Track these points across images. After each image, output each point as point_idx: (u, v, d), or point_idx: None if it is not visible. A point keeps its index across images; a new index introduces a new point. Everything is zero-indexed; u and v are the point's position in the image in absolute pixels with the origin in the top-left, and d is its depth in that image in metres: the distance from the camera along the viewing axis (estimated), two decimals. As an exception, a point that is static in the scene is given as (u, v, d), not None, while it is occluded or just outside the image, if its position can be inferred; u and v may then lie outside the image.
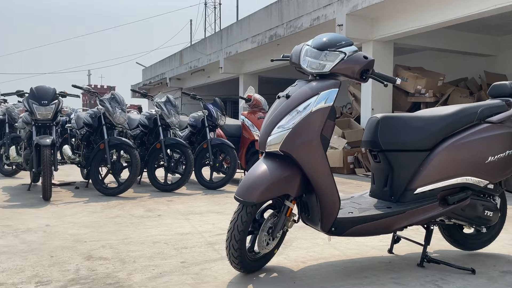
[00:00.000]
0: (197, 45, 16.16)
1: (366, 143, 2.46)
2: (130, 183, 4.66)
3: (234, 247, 2.09)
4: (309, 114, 2.10)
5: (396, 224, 2.24)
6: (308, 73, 2.27)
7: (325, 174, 2.13)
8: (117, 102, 4.85)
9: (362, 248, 2.74)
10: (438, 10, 6.56)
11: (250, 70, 12.42)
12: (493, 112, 2.45)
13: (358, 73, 2.17)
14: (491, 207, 2.44)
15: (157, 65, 20.02)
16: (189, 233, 3.09)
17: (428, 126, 2.35)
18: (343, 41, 2.22)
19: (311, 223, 2.28)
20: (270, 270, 2.30)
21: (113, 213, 3.77)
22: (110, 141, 4.72)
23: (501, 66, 8.93)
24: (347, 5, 7.43)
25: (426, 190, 2.29)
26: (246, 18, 12.43)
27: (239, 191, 2.10)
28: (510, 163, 2.41)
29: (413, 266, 2.37)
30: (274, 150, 2.14)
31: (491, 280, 2.18)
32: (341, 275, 2.24)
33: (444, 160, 2.29)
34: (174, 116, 5.20)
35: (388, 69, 7.88)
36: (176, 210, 3.94)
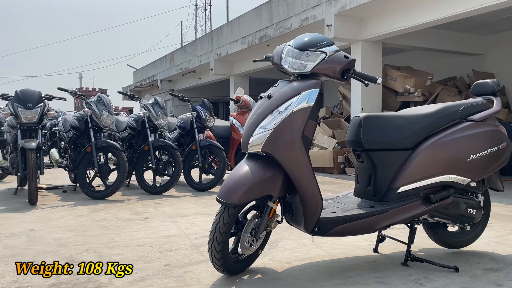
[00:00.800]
0: (188, 47, 16.12)
1: (349, 143, 2.46)
2: (117, 186, 4.63)
3: (216, 249, 2.07)
4: (290, 114, 2.09)
5: (379, 223, 2.24)
6: (289, 73, 2.27)
7: (307, 174, 2.12)
8: (104, 105, 4.81)
9: (347, 247, 2.73)
10: (425, 10, 6.59)
11: (240, 71, 12.40)
12: (475, 110, 2.47)
13: (339, 72, 2.17)
14: (474, 205, 2.45)
15: (148, 67, 19.93)
16: (175, 235, 3.07)
17: (410, 125, 2.35)
18: (324, 41, 2.22)
19: (295, 224, 2.27)
20: (254, 271, 2.29)
21: (99, 217, 3.73)
22: (97, 144, 4.69)
23: (489, 64, 8.99)
24: (335, 5, 7.44)
25: (408, 189, 2.29)
26: (236, 19, 12.41)
27: (221, 193, 2.09)
28: (492, 161, 2.42)
29: (397, 265, 2.37)
30: (256, 151, 2.13)
31: (474, 278, 2.18)
32: (325, 275, 2.23)
33: (426, 158, 2.30)
34: (162, 118, 5.17)
35: (377, 69, 7.90)
36: (163, 213, 3.92)
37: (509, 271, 2.28)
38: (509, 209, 4.06)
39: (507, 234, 3.10)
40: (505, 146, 2.47)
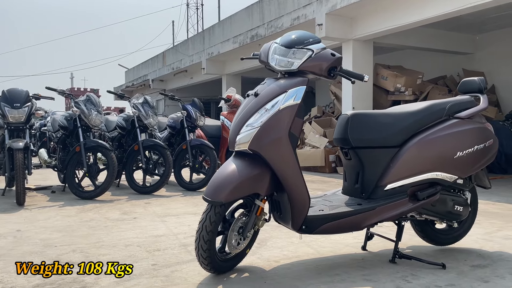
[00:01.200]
0: (180, 46, 16.05)
1: (337, 141, 2.46)
2: (107, 186, 4.59)
3: (203, 247, 2.06)
4: (277, 112, 2.08)
5: (366, 221, 2.23)
6: (277, 71, 2.26)
7: (294, 172, 2.12)
8: (93, 104, 4.77)
9: (336, 245, 2.73)
10: (415, 9, 6.62)
11: (232, 71, 12.38)
12: (461, 108, 2.47)
13: (325, 70, 2.17)
14: (461, 202, 2.46)
15: (140, 66, 19.82)
16: (164, 235, 3.05)
17: (397, 122, 2.35)
18: (310, 38, 2.21)
19: (283, 222, 2.27)
20: (242, 270, 2.28)
21: (87, 217, 3.70)
22: (86, 144, 4.65)
23: (479, 63, 9.06)
24: (326, 4, 7.45)
25: (396, 186, 2.29)
26: (227, 18, 12.38)
27: (207, 191, 2.08)
28: (478, 158, 2.43)
29: (385, 263, 2.38)
30: (243, 149, 2.12)
31: (461, 275, 2.19)
32: (313, 273, 2.23)
33: (413, 156, 2.30)
34: (151, 117, 5.14)
35: (368, 68, 7.93)
36: (152, 212, 3.89)
37: (495, 268, 2.30)
38: (498, 207, 4.09)
39: (494, 231, 3.11)
40: (492, 143, 2.48)
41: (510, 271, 2.24)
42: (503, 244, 2.76)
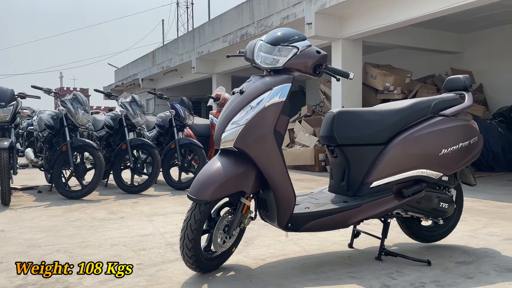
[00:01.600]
0: (170, 45, 15.97)
1: (323, 138, 2.45)
2: (94, 186, 4.55)
3: (188, 246, 2.04)
4: (262, 109, 2.07)
5: (352, 218, 2.23)
6: (262, 69, 2.25)
7: (279, 170, 2.11)
8: (80, 103, 4.72)
9: (323, 243, 2.73)
10: (404, 8, 6.65)
11: (222, 70, 12.35)
12: (446, 105, 2.49)
13: (311, 67, 2.16)
14: (446, 199, 2.47)
15: (130, 66, 19.68)
16: (150, 234, 3.03)
17: (382, 120, 2.36)
18: (296, 35, 2.20)
19: (269, 220, 2.26)
20: (228, 268, 2.26)
21: (74, 217, 3.66)
22: (72, 143, 4.60)
23: (467, 63, 9.14)
24: (315, 3, 7.46)
25: (381, 184, 2.29)
26: (217, 17, 12.34)
27: (192, 189, 2.06)
28: (463, 155, 2.44)
29: (371, 260, 2.38)
30: (229, 146, 2.11)
31: (445, 271, 2.20)
32: (299, 271, 2.22)
33: (399, 153, 2.31)
34: (140, 116, 5.10)
35: (357, 67, 7.95)
36: (140, 212, 3.86)
37: (480, 264, 2.31)
38: (484, 204, 4.13)
39: (480, 228, 3.14)
40: (476, 141, 2.49)
41: (494, 267, 2.26)
42: (488, 241, 2.78)
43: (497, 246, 2.66)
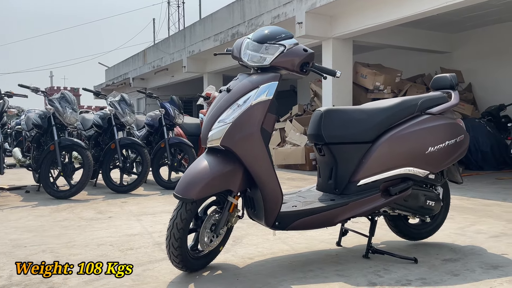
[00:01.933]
0: (161, 44, 15.89)
1: (310, 137, 2.46)
2: (82, 185, 4.51)
3: (174, 245, 2.03)
4: (249, 107, 2.07)
5: (339, 216, 2.24)
6: (249, 67, 2.24)
7: (266, 168, 2.10)
8: (68, 102, 4.67)
9: (311, 242, 2.73)
10: (394, 8, 6.69)
11: (214, 69, 12.33)
12: (433, 104, 2.50)
13: (298, 65, 2.16)
14: (433, 197, 2.48)
15: (120, 65, 19.57)
16: (138, 234, 3.00)
17: (370, 118, 2.36)
18: (283, 34, 2.20)
19: (256, 218, 2.25)
20: (215, 267, 2.25)
21: (61, 217, 3.62)
22: (60, 142, 4.55)
23: (456, 62, 9.22)
24: (306, 2, 7.47)
25: (368, 182, 2.30)
26: (208, 16, 12.32)
27: (178, 188, 2.05)
28: (450, 153, 2.45)
29: (358, 258, 2.38)
30: (215, 145, 2.10)
31: (432, 268, 2.21)
32: (287, 270, 2.22)
33: (385, 151, 2.31)
34: (129, 115, 5.06)
35: (348, 66, 7.99)
36: (129, 212, 3.83)
37: (466, 261, 2.33)
38: (472, 202, 4.16)
39: (467, 226, 3.16)
40: (463, 139, 2.51)
41: (480, 264, 2.28)
42: (475, 238, 2.80)
43: (483, 243, 2.68)
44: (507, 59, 8.34)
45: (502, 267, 2.22)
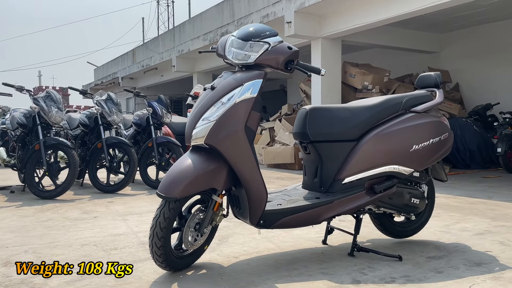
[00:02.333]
0: (150, 44, 15.80)
1: (296, 135, 2.45)
2: (68, 185, 4.45)
3: (157, 244, 2.00)
4: (233, 105, 2.05)
5: (324, 215, 2.23)
6: (234, 64, 2.23)
7: (250, 166, 2.09)
8: (53, 101, 4.61)
9: (297, 240, 2.72)
10: (381, 8, 6.72)
11: (203, 68, 12.27)
12: (418, 102, 2.51)
13: (282, 63, 2.15)
14: (418, 195, 2.49)
15: (109, 64, 19.41)
16: (123, 233, 2.97)
17: (354, 116, 2.36)
18: (267, 31, 2.19)
19: (242, 217, 2.24)
20: (200, 267, 2.24)
21: (45, 217, 3.57)
22: (46, 142, 4.49)
23: (444, 62, 9.30)
24: (294, 2, 7.46)
25: (353, 180, 2.30)
26: (198, 15, 12.27)
27: (161, 187, 2.03)
28: (434, 151, 2.46)
29: (344, 256, 2.38)
30: (200, 143, 2.08)
31: (416, 266, 2.22)
32: (271, 268, 2.21)
33: (370, 149, 2.32)
34: (115, 114, 5.01)
35: (337, 65, 8.00)
36: (115, 211, 3.79)
37: (450, 259, 2.34)
38: (458, 200, 4.19)
39: (453, 224, 3.18)
40: (447, 137, 2.52)
41: (464, 261, 2.29)
42: (460, 236, 2.82)
43: (468, 241, 2.70)
44: (493, 59, 8.43)
45: (485, 264, 2.24)
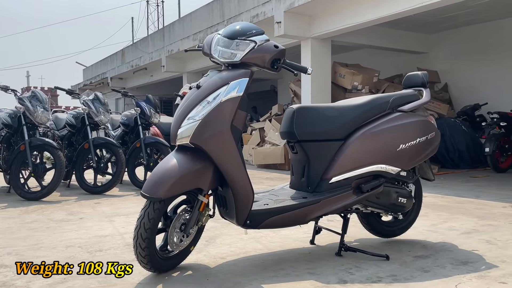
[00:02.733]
0: (139, 43, 15.68)
1: (283, 134, 2.43)
2: (54, 186, 4.39)
3: (141, 246, 1.97)
4: (219, 104, 2.03)
5: (311, 214, 2.22)
6: (220, 63, 2.21)
7: (236, 165, 2.07)
8: (39, 101, 4.54)
9: (285, 240, 2.71)
10: (370, 8, 6.74)
11: (193, 69, 12.21)
12: (404, 101, 2.51)
13: (268, 62, 2.13)
14: (405, 194, 2.49)
15: (98, 64, 19.23)
16: (109, 235, 2.93)
17: (341, 116, 2.35)
18: (253, 30, 2.17)
19: (228, 217, 2.22)
20: (186, 268, 2.21)
21: (30, 218, 3.51)
22: (31, 142, 4.42)
23: (433, 62, 9.36)
24: (284, 2, 7.46)
25: (340, 179, 2.29)
26: (188, 15, 12.21)
27: (146, 187, 2.00)
28: (421, 150, 2.46)
29: (331, 256, 2.37)
30: (185, 142, 2.06)
31: (403, 265, 2.21)
32: (258, 269, 2.19)
33: (357, 149, 2.31)
34: (103, 114, 4.95)
35: (326, 66, 8.01)
36: (101, 213, 3.74)
37: (437, 258, 2.34)
38: (446, 200, 4.21)
39: (440, 223, 3.19)
40: (434, 136, 2.52)
41: (451, 260, 2.29)
42: (447, 235, 2.82)
43: (455, 240, 2.71)
44: (482, 59, 8.51)
45: (472, 263, 2.24)
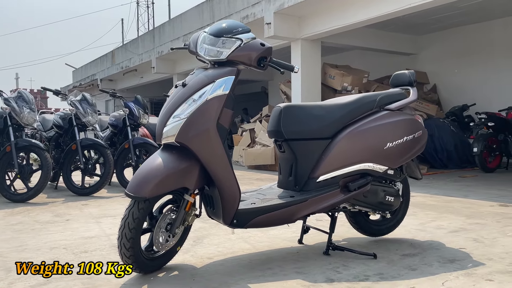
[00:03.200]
0: (129, 45, 15.59)
1: (270, 133, 2.42)
2: (40, 188, 4.33)
3: (125, 246, 1.95)
4: (205, 102, 2.01)
5: (298, 213, 2.21)
6: (206, 61, 2.19)
7: (223, 164, 2.05)
8: (25, 101, 4.48)
9: (273, 240, 2.69)
10: (360, 9, 6.77)
11: (183, 70, 12.16)
12: (391, 100, 2.51)
13: (255, 60, 2.12)
14: (392, 193, 2.49)
15: (88, 66, 19.08)
16: (95, 236, 2.89)
17: (328, 114, 2.35)
18: (240, 27, 2.16)
19: (215, 217, 2.19)
20: (172, 268, 2.18)
21: (15, 220, 3.45)
22: (17, 143, 4.36)
23: (422, 64, 9.44)
24: (274, 3, 7.46)
25: (328, 178, 2.28)
26: (178, 16, 12.17)
27: (130, 186, 1.97)
28: (408, 148, 2.46)
29: (319, 255, 2.36)
30: (170, 141, 2.03)
31: (390, 264, 2.21)
32: (245, 269, 2.17)
33: (344, 147, 2.30)
34: (91, 115, 4.89)
35: (316, 67, 8.02)
36: (88, 214, 3.70)
37: (424, 256, 2.34)
38: (435, 199, 4.23)
39: (428, 222, 3.20)
40: (421, 135, 2.53)
41: (438, 258, 2.29)
42: (435, 234, 2.83)
43: (442, 238, 2.71)
44: (470, 60, 8.59)
45: (459, 261, 2.25)
